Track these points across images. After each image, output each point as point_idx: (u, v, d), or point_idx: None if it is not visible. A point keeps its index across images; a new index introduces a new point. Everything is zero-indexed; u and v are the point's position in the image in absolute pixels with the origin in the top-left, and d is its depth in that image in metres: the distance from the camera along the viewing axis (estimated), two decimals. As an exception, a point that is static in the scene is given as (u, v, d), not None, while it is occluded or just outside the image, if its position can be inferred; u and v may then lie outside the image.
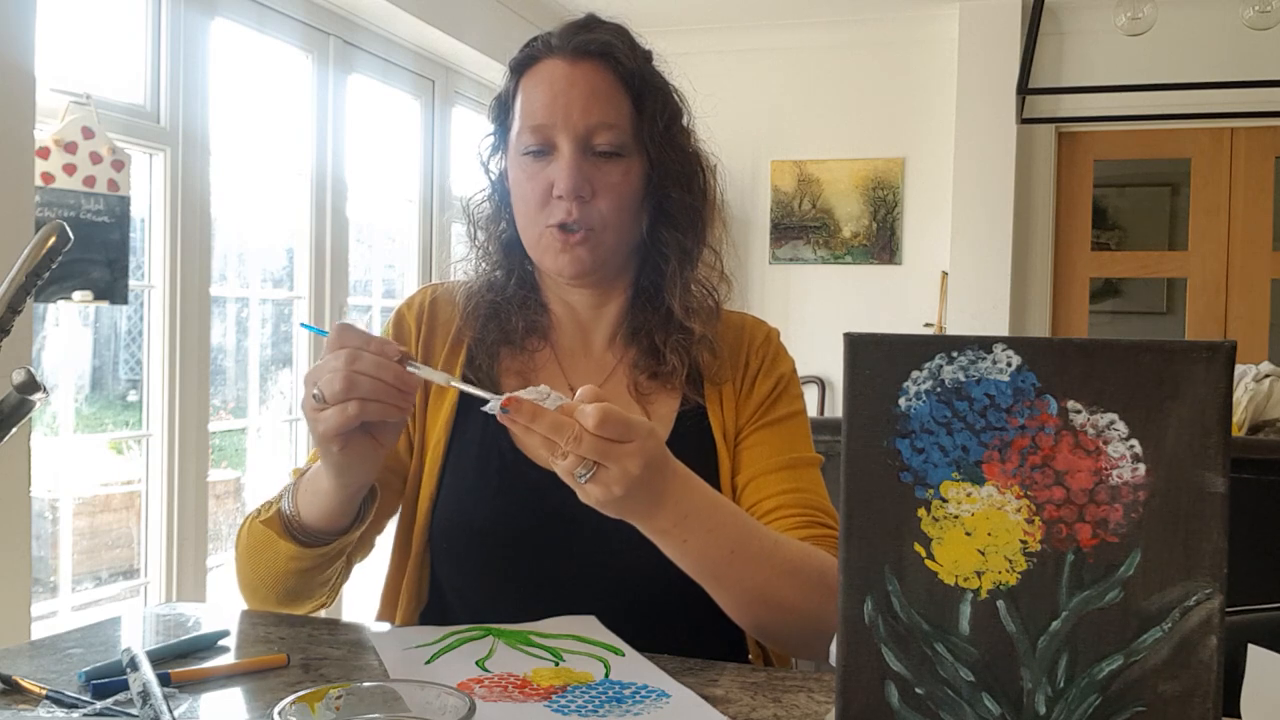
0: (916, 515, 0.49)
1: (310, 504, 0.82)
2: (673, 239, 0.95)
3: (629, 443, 0.67)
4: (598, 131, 0.89)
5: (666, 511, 0.72)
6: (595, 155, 0.90)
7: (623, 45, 0.92)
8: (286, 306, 2.97)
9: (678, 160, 0.94)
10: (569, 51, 0.90)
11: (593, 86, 0.90)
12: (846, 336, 0.50)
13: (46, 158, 1.98)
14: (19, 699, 0.65)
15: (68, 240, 0.69)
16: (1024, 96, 3.44)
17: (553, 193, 0.89)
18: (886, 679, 0.50)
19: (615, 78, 0.91)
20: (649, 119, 0.92)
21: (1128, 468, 0.47)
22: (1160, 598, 0.47)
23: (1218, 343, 0.47)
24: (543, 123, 0.89)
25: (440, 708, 0.52)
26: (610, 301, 0.98)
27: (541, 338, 0.98)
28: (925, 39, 3.98)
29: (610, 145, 0.90)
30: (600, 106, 0.89)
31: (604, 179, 0.90)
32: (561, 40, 0.91)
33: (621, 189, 0.90)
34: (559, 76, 0.90)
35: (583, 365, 0.98)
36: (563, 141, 0.89)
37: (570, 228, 0.89)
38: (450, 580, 0.93)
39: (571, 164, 0.88)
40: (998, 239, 3.83)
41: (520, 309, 0.96)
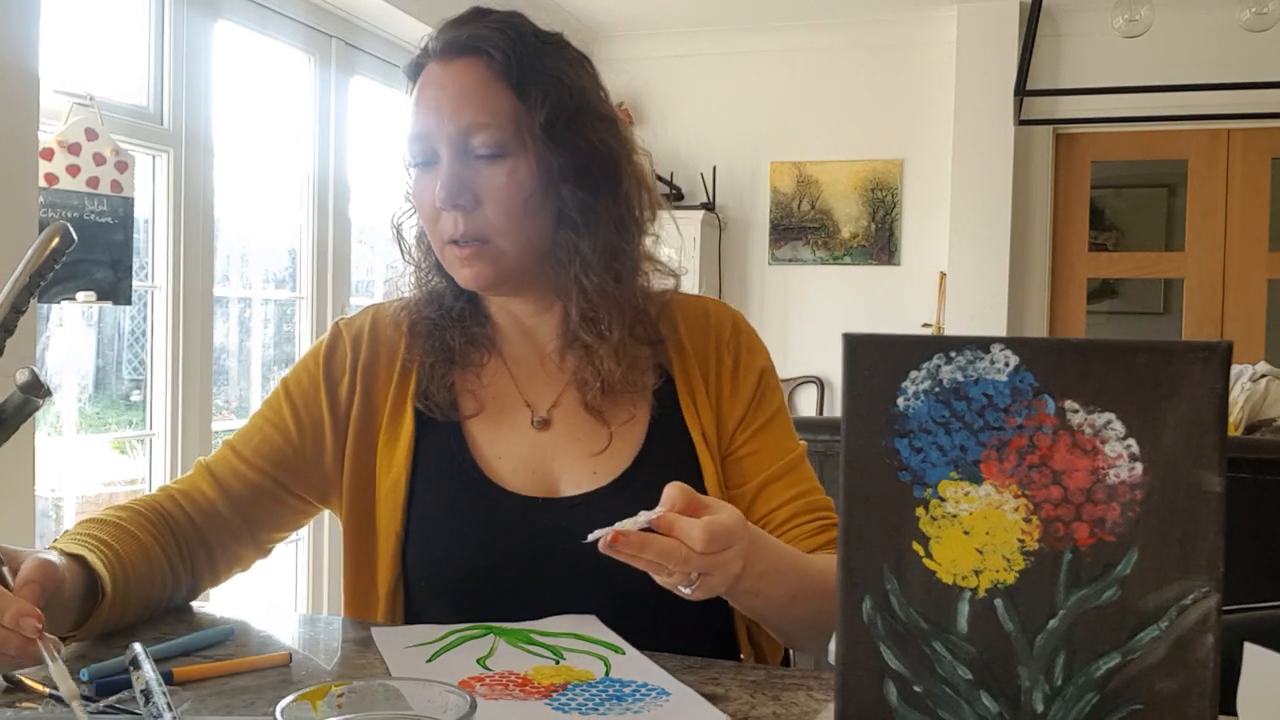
0: (915, 514, 0.50)
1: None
2: (566, 240, 0.87)
3: (730, 549, 0.67)
4: (473, 133, 0.83)
5: (745, 577, 0.72)
6: (476, 159, 0.84)
7: (498, 36, 0.84)
8: (289, 307, 2.98)
9: (569, 155, 0.85)
10: (440, 52, 0.85)
11: (462, 86, 0.83)
12: (845, 337, 0.50)
13: (50, 159, 1.98)
14: (22, 697, 0.66)
15: (71, 241, 0.70)
16: (1022, 98, 3.43)
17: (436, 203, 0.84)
18: (885, 677, 0.50)
19: (490, 73, 0.84)
20: (531, 112, 0.84)
21: (1125, 467, 0.48)
22: (1157, 596, 0.48)
23: (1214, 343, 0.47)
24: (420, 131, 0.85)
25: (442, 706, 0.52)
26: (551, 307, 0.92)
27: (487, 350, 0.93)
28: (924, 41, 3.99)
29: (489, 147, 0.83)
30: (471, 107, 0.83)
31: (487, 183, 0.83)
32: (436, 42, 0.86)
33: (507, 192, 0.83)
34: (433, 82, 0.85)
35: (538, 374, 0.93)
36: (441, 149, 0.84)
37: (460, 242, 0.84)
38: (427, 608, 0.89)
39: (447, 172, 0.83)
40: (996, 240, 3.83)
41: (459, 324, 0.92)
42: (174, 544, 0.86)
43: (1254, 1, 2.56)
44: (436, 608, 0.88)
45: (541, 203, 0.86)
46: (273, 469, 0.90)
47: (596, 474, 0.88)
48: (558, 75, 0.86)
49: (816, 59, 4.13)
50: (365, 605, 0.90)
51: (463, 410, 0.91)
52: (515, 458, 0.89)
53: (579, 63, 0.90)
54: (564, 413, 0.91)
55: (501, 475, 0.89)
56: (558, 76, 0.85)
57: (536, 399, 0.92)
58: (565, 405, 0.91)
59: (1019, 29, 3.73)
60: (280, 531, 0.94)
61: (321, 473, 0.92)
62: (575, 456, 0.89)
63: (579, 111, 0.86)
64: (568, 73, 0.87)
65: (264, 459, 0.90)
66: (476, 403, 0.92)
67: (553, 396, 0.92)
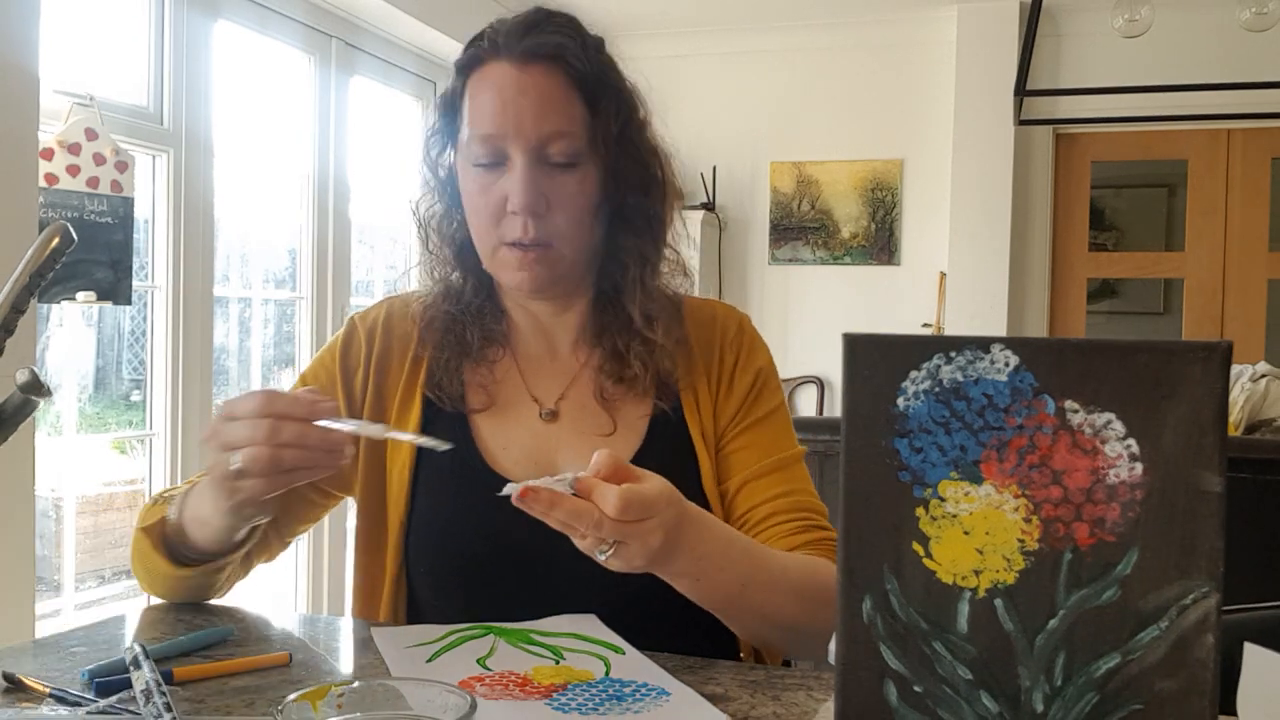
0: (915, 514, 0.50)
1: (194, 522, 0.79)
2: (632, 245, 0.91)
3: (649, 520, 0.66)
4: (552, 141, 0.84)
5: (682, 558, 0.71)
6: (550, 166, 0.85)
7: (575, 44, 0.86)
8: (289, 307, 2.98)
9: (635, 164, 0.89)
10: (517, 55, 0.84)
11: (544, 93, 0.84)
12: (845, 337, 0.50)
13: (50, 159, 1.98)
14: (23, 697, 0.66)
15: (71, 241, 0.70)
16: (1022, 98, 3.43)
17: (507, 207, 0.85)
18: (885, 677, 0.50)
19: (568, 81, 0.85)
20: (604, 122, 0.86)
21: (1125, 467, 0.48)
22: (1157, 596, 0.48)
23: (1214, 343, 0.47)
24: (492, 133, 0.84)
25: (442, 706, 0.52)
26: (571, 307, 0.94)
27: (501, 346, 0.94)
28: (924, 41, 3.99)
29: (565, 156, 0.85)
30: (554, 115, 0.84)
31: (560, 191, 0.85)
32: (509, 41, 0.85)
33: (578, 200, 0.86)
34: (508, 83, 0.84)
35: (547, 371, 0.94)
36: (515, 153, 0.84)
37: (525, 244, 0.85)
38: (428, 598, 0.90)
39: (526, 178, 0.83)
40: (996, 240, 3.84)
41: (477, 319, 0.93)
42: None
43: (1254, 1, 2.56)
44: (436, 594, 0.89)
45: (601, 210, 0.89)
46: None
47: None
48: (619, 85, 0.89)
49: (816, 59, 4.13)
50: (372, 592, 0.92)
51: (471, 403, 0.92)
52: (519, 449, 0.91)
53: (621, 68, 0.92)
54: (571, 405, 0.92)
55: (505, 466, 0.90)
56: (619, 87, 0.89)
57: (545, 393, 0.93)
58: (573, 398, 0.92)
59: (1019, 29, 3.73)
60: (304, 524, 0.96)
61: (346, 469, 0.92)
62: (579, 448, 0.90)
63: (635, 119, 0.90)
64: (623, 81, 0.90)
65: None
66: (486, 397, 0.93)
67: (561, 389, 0.93)
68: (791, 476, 0.91)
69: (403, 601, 0.91)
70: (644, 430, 0.91)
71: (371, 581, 0.92)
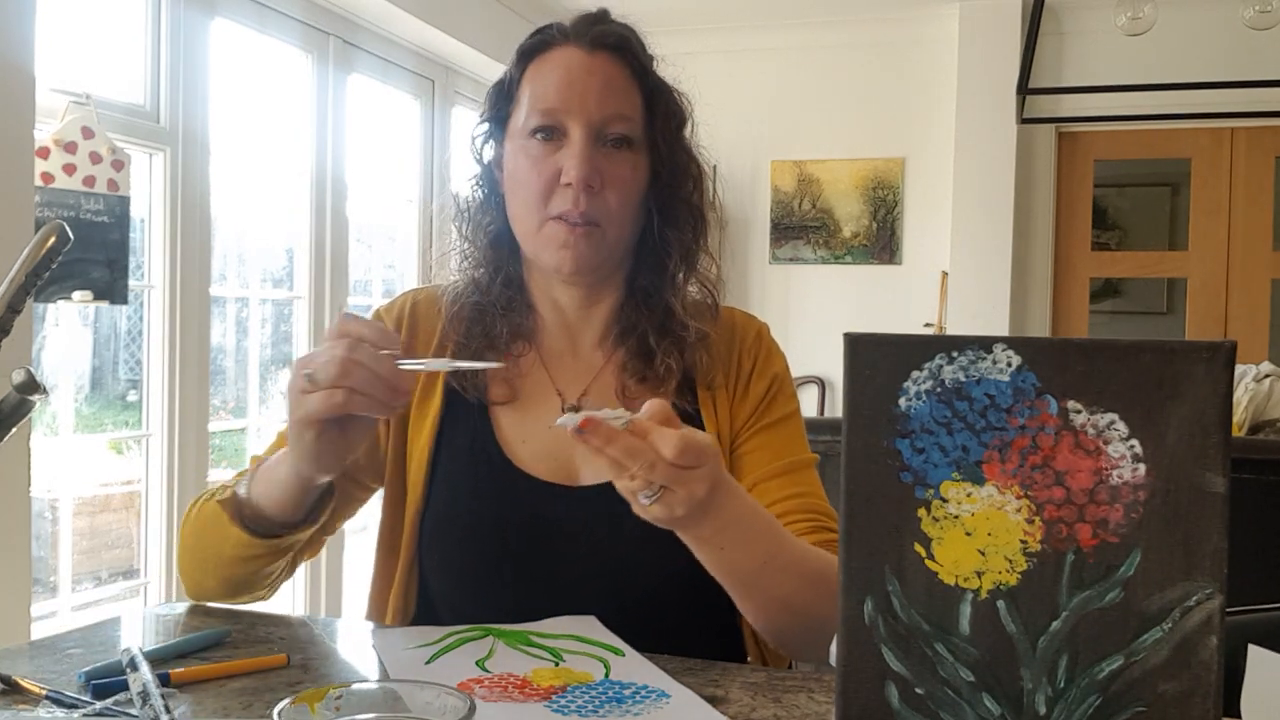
0: (917, 515, 0.49)
1: (266, 492, 0.80)
2: (675, 238, 0.93)
3: (700, 468, 0.66)
4: (612, 121, 0.88)
5: (713, 520, 0.70)
6: (606, 145, 0.88)
7: (635, 41, 0.92)
8: (286, 306, 2.97)
9: (680, 162, 0.93)
10: (587, 41, 0.89)
11: (609, 77, 0.89)
12: (846, 336, 0.50)
13: (46, 158, 1.98)
14: (19, 699, 0.65)
15: (67, 240, 0.69)
16: (1024, 96, 3.44)
17: (560, 180, 0.87)
18: (887, 679, 0.50)
19: (630, 72, 0.90)
20: (660, 117, 0.91)
21: (1128, 468, 0.47)
22: (1160, 598, 0.47)
23: (1218, 343, 0.47)
24: (555, 106, 0.88)
25: (440, 708, 0.52)
26: (600, 302, 0.95)
27: (527, 341, 0.95)
28: (925, 39, 3.98)
29: (622, 134, 0.88)
30: (616, 98, 0.88)
31: (614, 170, 0.88)
32: (579, 28, 0.90)
33: (630, 183, 0.89)
34: (576, 64, 0.89)
35: (570, 367, 0.95)
36: (575, 128, 0.87)
37: (575, 220, 0.87)
38: (440, 589, 0.91)
39: (584, 151, 0.86)
40: (998, 239, 3.83)
41: (505, 312, 0.94)
42: None
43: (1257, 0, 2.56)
44: (448, 586, 0.90)
45: (645, 201, 0.92)
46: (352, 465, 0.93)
47: None
48: (669, 90, 0.94)
49: (818, 57, 4.13)
50: (385, 583, 0.92)
51: (493, 396, 0.93)
52: (539, 443, 0.91)
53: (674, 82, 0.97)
54: (594, 402, 0.93)
55: (524, 460, 0.90)
56: (670, 91, 0.94)
57: (568, 388, 0.94)
58: (596, 394, 0.93)
59: (1021, 27, 3.72)
60: (342, 519, 0.96)
61: (379, 457, 0.94)
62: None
63: (682, 122, 0.95)
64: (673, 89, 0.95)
65: None
66: (509, 390, 0.93)
67: (582, 386, 0.94)
68: (803, 480, 0.92)
69: (414, 592, 0.91)
70: None
71: (386, 573, 0.93)
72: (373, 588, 0.94)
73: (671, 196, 0.93)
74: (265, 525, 0.82)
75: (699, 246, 0.95)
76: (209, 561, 0.84)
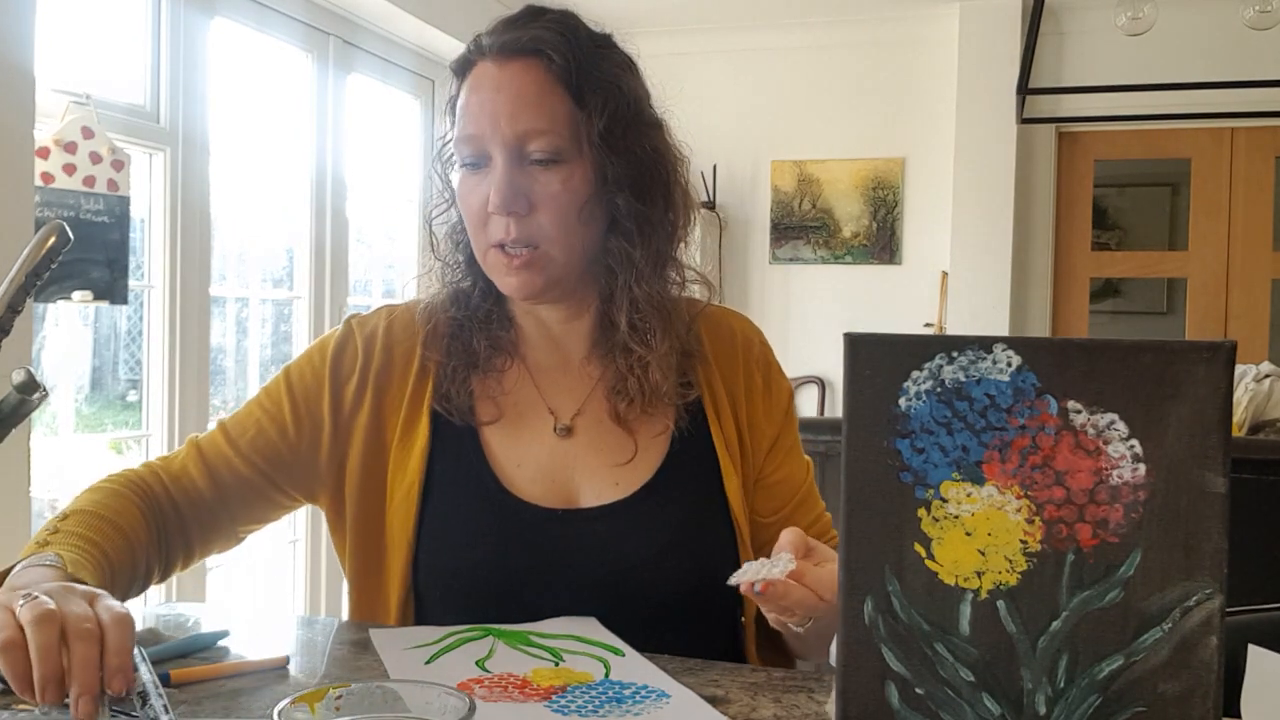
0: (917, 515, 0.49)
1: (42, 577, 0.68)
2: (619, 249, 0.86)
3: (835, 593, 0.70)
4: (530, 138, 0.81)
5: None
6: (531, 164, 0.82)
7: (558, 39, 0.83)
8: (286, 306, 2.97)
9: (625, 163, 0.84)
10: (496, 52, 0.83)
11: (520, 89, 0.82)
12: (846, 336, 0.50)
13: (46, 158, 1.98)
14: (18, 700, 0.65)
15: (67, 240, 0.69)
16: (1024, 96, 3.43)
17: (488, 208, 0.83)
18: (887, 679, 0.50)
19: (549, 77, 0.82)
20: (590, 119, 0.83)
21: (1128, 468, 0.47)
22: (1160, 598, 0.47)
23: (1218, 343, 0.47)
24: (473, 133, 0.83)
25: (440, 708, 0.52)
26: (582, 314, 0.91)
27: (509, 355, 0.91)
28: (925, 39, 3.98)
29: (545, 152, 0.82)
30: (529, 112, 0.81)
31: (542, 190, 0.82)
32: (491, 39, 0.84)
33: (562, 199, 0.82)
34: (487, 83, 0.83)
35: (560, 383, 0.91)
36: (495, 152, 0.82)
37: (510, 248, 0.83)
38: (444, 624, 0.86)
39: (502, 177, 0.81)
40: (998, 239, 3.83)
41: (483, 326, 0.90)
42: (156, 530, 0.84)
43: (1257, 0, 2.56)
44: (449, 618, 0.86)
45: (593, 211, 0.85)
46: (265, 464, 0.88)
47: (618, 485, 0.87)
48: (614, 81, 0.85)
49: (818, 57, 4.13)
50: (374, 613, 0.89)
51: (480, 416, 0.89)
52: (534, 466, 0.88)
53: (629, 66, 0.89)
54: (588, 421, 0.89)
55: (519, 485, 0.87)
56: (614, 82, 0.85)
57: (560, 406, 0.90)
58: (590, 414, 0.89)
59: (1021, 27, 3.72)
60: (259, 524, 0.93)
61: (315, 472, 0.90)
62: (597, 467, 0.88)
63: (635, 118, 0.86)
64: (622, 78, 0.86)
65: (257, 453, 0.88)
66: (496, 409, 0.89)
67: (577, 404, 0.90)
68: (815, 499, 0.94)
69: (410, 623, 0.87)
70: (665, 447, 0.88)
71: (372, 602, 0.89)
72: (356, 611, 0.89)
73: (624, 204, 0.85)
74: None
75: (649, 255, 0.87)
76: None
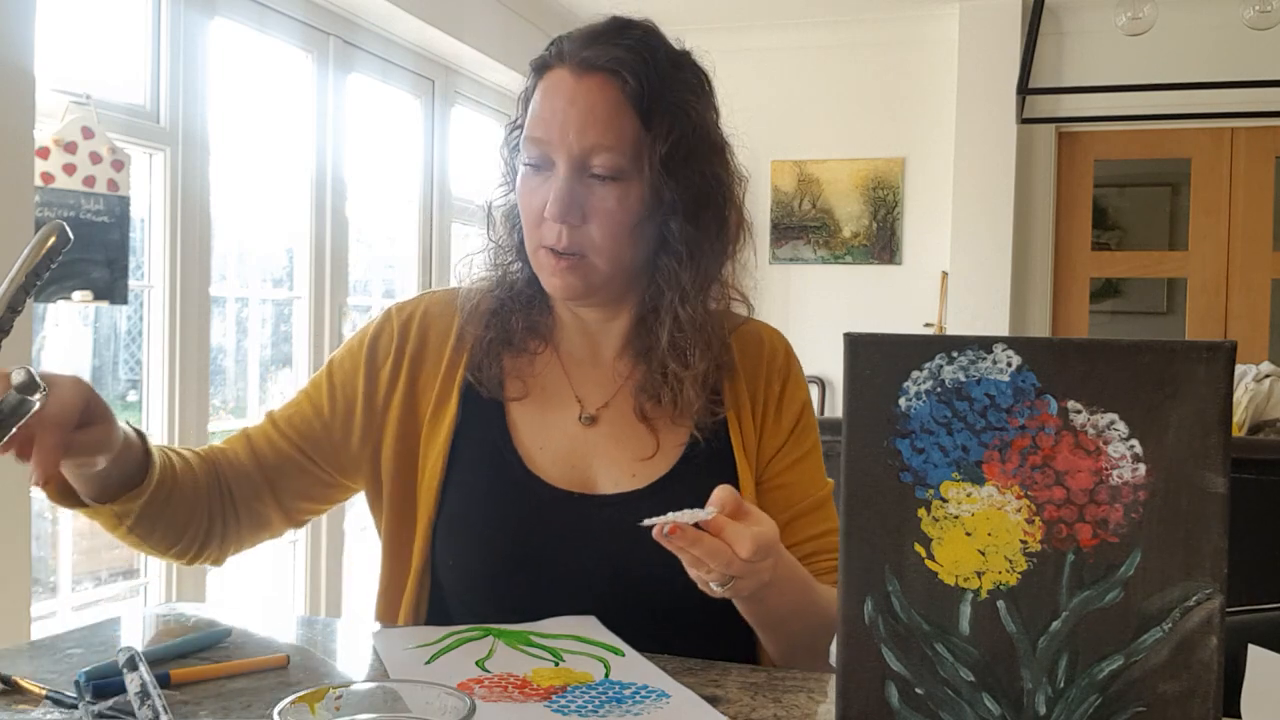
0: (917, 515, 0.49)
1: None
2: (668, 268, 0.89)
3: (767, 559, 0.71)
4: (594, 154, 0.84)
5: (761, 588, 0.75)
6: (591, 177, 0.85)
7: (636, 61, 0.86)
8: (286, 306, 2.97)
9: (682, 187, 0.87)
10: (576, 64, 0.86)
11: (592, 105, 0.84)
12: (846, 336, 0.50)
13: (46, 158, 1.98)
14: (19, 699, 0.65)
15: (67, 240, 0.69)
16: (1024, 96, 3.43)
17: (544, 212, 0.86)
18: (887, 679, 0.50)
19: (621, 97, 0.85)
20: (654, 142, 0.85)
21: (1128, 468, 0.47)
22: (1160, 598, 0.47)
23: (1218, 343, 0.47)
24: (541, 137, 0.86)
25: (440, 708, 0.52)
26: (619, 315, 0.94)
27: (543, 340, 0.95)
28: (925, 39, 3.98)
29: (606, 169, 0.85)
30: (597, 128, 0.84)
31: (598, 203, 0.85)
32: (573, 49, 0.87)
33: (616, 215, 0.85)
34: (562, 91, 0.86)
35: (590, 375, 0.94)
36: (559, 160, 0.85)
37: (559, 252, 0.86)
38: (454, 592, 0.90)
39: (562, 188, 0.85)
40: (998, 239, 3.83)
41: (524, 309, 0.93)
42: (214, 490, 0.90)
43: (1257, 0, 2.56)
44: (462, 589, 0.90)
45: (645, 230, 0.88)
46: (300, 440, 0.93)
47: (635, 476, 0.90)
48: (684, 106, 0.88)
49: (818, 57, 4.13)
50: (395, 587, 0.92)
51: (509, 392, 0.93)
52: (556, 449, 0.91)
53: (700, 88, 0.91)
54: (613, 415, 0.92)
55: (541, 466, 0.90)
56: (684, 107, 0.88)
57: (587, 396, 0.94)
58: (616, 408, 0.92)
59: (1021, 27, 3.72)
60: (309, 502, 0.96)
61: (347, 452, 0.94)
62: (617, 458, 0.91)
63: (698, 144, 0.89)
64: (693, 102, 0.89)
65: (294, 430, 0.94)
66: (524, 388, 0.93)
67: (604, 398, 0.93)
68: (827, 515, 0.94)
69: (425, 596, 0.91)
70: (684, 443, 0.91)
71: (396, 578, 0.92)
72: (381, 593, 0.93)
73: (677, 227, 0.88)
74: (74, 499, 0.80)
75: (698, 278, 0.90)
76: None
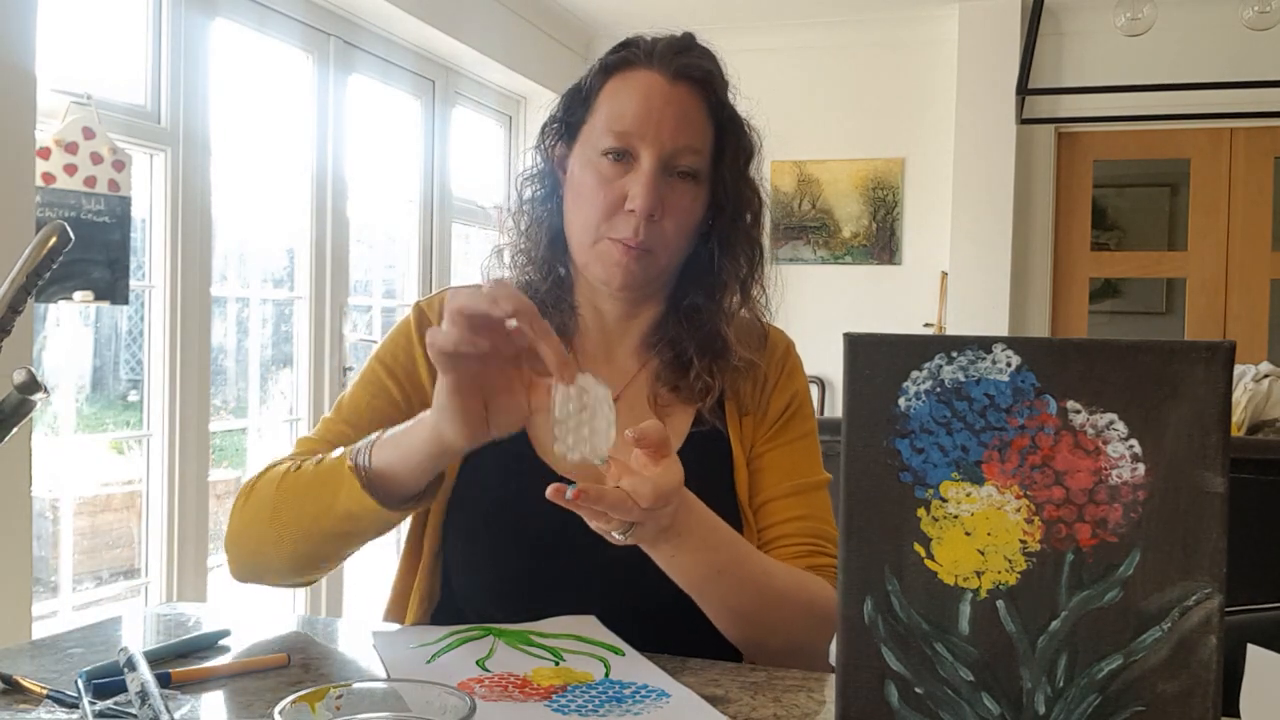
0: (916, 515, 0.49)
1: (400, 458, 0.77)
2: (732, 269, 0.96)
3: (668, 506, 0.71)
4: (682, 154, 0.90)
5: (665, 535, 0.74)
6: (672, 175, 0.90)
7: (718, 76, 0.95)
8: (287, 306, 2.97)
9: (747, 194, 0.96)
10: (671, 69, 0.92)
11: (685, 109, 0.91)
12: (846, 336, 0.50)
13: (47, 158, 1.98)
14: (20, 699, 0.65)
15: (68, 240, 0.69)
16: (1023, 97, 3.43)
17: (624, 205, 0.89)
18: (886, 678, 0.50)
19: (706, 107, 0.93)
20: (729, 151, 0.94)
21: (1127, 467, 0.48)
22: (1160, 597, 0.47)
23: (1217, 343, 0.47)
24: (630, 130, 0.89)
25: (440, 707, 0.52)
26: (641, 314, 0.97)
27: (565, 339, 0.96)
28: (925, 39, 3.98)
29: (689, 167, 0.91)
30: (689, 130, 0.91)
31: (676, 200, 0.90)
32: (664, 56, 0.92)
33: (688, 213, 0.92)
34: (656, 92, 0.90)
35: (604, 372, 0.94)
36: (646, 156, 0.89)
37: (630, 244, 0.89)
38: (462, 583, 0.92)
39: (651, 183, 0.88)
40: (997, 239, 3.83)
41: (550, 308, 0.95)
42: None
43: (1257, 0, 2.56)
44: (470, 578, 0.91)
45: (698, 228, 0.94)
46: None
47: None
48: (742, 123, 0.97)
49: (817, 57, 4.13)
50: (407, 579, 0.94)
51: None
52: None
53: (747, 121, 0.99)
54: (623, 404, 0.94)
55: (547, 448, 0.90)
56: (742, 125, 0.97)
57: None
58: (626, 398, 0.95)
59: (1021, 27, 3.72)
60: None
61: None
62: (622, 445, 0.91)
63: (747, 163, 0.97)
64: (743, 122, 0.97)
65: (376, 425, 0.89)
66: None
67: (617, 390, 0.95)
68: (810, 502, 0.93)
69: (437, 588, 0.93)
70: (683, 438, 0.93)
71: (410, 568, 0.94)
72: (394, 587, 0.95)
73: (731, 228, 0.96)
74: (385, 496, 0.79)
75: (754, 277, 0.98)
76: (297, 530, 0.81)
